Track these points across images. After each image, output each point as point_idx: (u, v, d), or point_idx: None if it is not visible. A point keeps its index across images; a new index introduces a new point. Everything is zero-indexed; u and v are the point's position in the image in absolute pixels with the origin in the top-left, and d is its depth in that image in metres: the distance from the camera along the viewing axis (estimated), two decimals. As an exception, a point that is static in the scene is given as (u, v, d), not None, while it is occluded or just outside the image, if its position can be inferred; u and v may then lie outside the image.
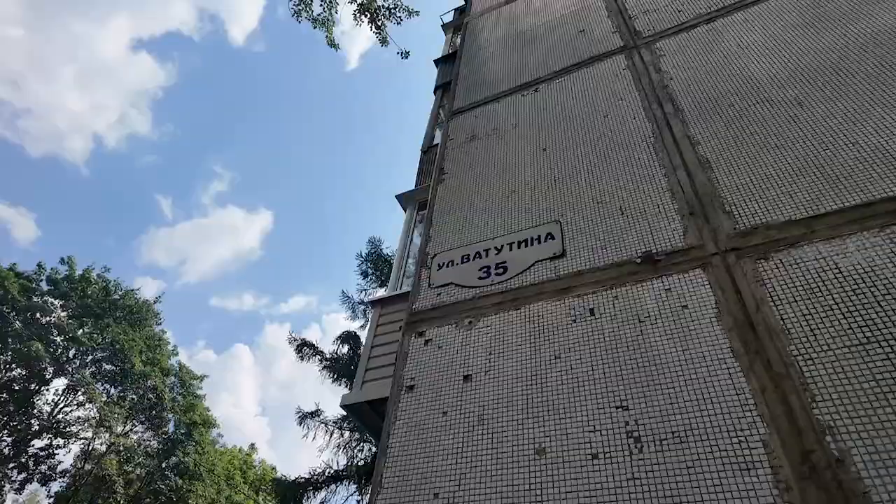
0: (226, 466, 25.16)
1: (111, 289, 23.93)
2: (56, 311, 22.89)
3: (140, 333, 23.82)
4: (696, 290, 3.19)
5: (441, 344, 3.87)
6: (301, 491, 16.46)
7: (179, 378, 25.37)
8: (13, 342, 20.66)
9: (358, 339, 16.91)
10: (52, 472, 21.65)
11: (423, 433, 3.39)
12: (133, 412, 23.41)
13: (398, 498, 3.14)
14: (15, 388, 20.83)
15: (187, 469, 22.08)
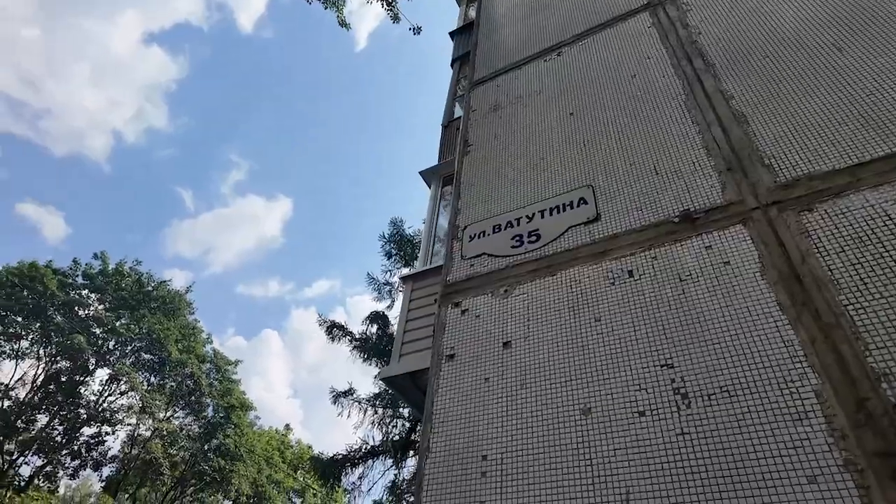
0: (264, 447, 25.99)
1: (144, 281, 24.61)
2: (93, 304, 23.67)
3: (174, 323, 24.52)
4: (737, 245, 3.14)
5: (478, 313, 3.90)
6: (339, 467, 16.94)
7: (214, 364, 26.13)
8: (56, 336, 21.49)
9: (386, 319, 17.13)
10: (102, 457, 22.69)
11: (466, 399, 3.45)
12: (173, 398, 24.26)
13: (446, 461, 3.22)
14: (62, 380, 21.74)
15: (228, 450, 22.89)
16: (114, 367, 22.57)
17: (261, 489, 24.04)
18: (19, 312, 21.65)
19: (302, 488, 28.05)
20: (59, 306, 22.32)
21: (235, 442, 23.22)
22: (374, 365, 17.09)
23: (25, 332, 21.89)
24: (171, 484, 23.15)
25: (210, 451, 23.38)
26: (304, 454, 29.11)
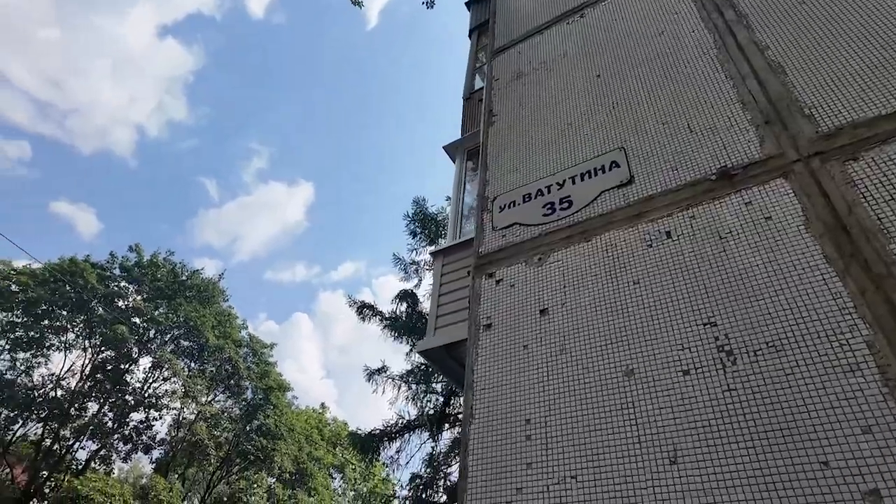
0: (303, 426, 26.80)
1: (178, 271, 25.31)
2: (132, 295, 24.49)
3: (210, 310, 25.22)
4: (779, 200, 3.07)
5: (513, 282, 3.91)
6: (377, 442, 17.39)
7: (251, 348, 26.88)
8: (99, 327, 22.36)
9: (415, 297, 17.29)
10: (151, 441, 23.75)
11: (505, 366, 3.49)
12: (213, 382, 25.12)
13: (490, 426, 3.28)
14: (108, 369, 22.69)
15: (269, 430, 23.69)
16: (155, 354, 23.43)
17: (302, 466, 24.89)
18: (63, 306, 22.56)
19: (341, 464, 28.94)
20: (100, 299, 23.17)
21: (276, 422, 24.00)
22: (404, 343, 17.34)
23: (71, 325, 22.84)
24: (216, 463, 24.13)
25: (252, 431, 24.24)
26: (341, 431, 29.94)
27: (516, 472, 3.01)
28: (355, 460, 28.47)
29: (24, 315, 22.05)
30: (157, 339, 24.28)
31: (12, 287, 21.92)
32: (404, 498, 17.46)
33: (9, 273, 22.31)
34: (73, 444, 21.83)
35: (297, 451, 24.82)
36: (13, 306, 21.71)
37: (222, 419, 24.51)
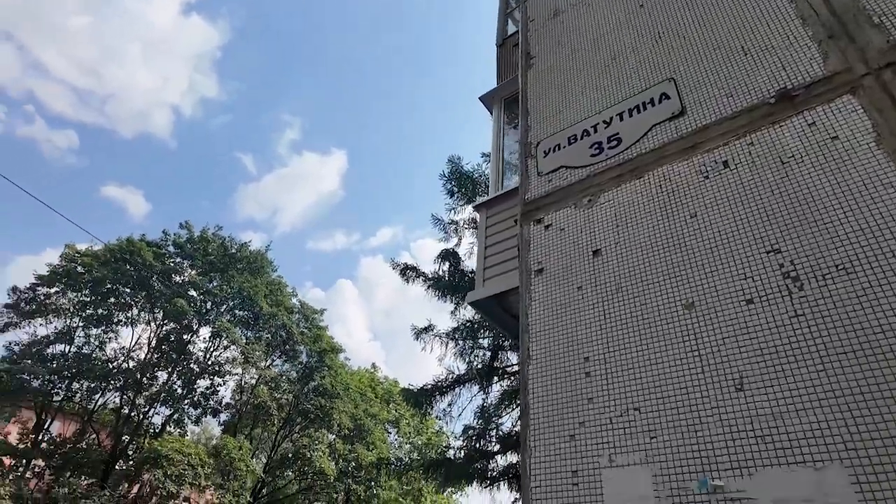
0: (357, 385, 27.90)
1: (228, 245, 26.22)
2: (186, 270, 25.63)
3: (261, 280, 26.16)
4: (846, 117, 2.90)
5: (563, 226, 3.89)
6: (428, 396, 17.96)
7: (302, 314, 27.87)
8: (160, 301, 23.62)
9: (457, 256, 17.37)
10: (218, 405, 25.28)
11: (560, 308, 3.52)
12: (270, 348, 26.31)
13: (548, 366, 3.35)
14: (172, 340, 24.08)
15: (326, 390, 24.78)
16: (214, 324, 24.64)
17: (359, 422, 26.06)
18: (126, 284, 23.86)
19: (396, 419, 30.13)
20: (158, 275, 24.38)
21: (331, 382, 25.07)
22: (448, 302, 17.58)
23: (134, 301, 24.21)
24: (279, 423, 25.55)
25: (310, 391, 25.43)
26: (393, 389, 31.04)
27: (577, 407, 3.08)
28: (409, 415, 29.58)
29: (92, 294, 23.47)
30: (214, 310, 25.46)
31: (78, 269, 23.29)
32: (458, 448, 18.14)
33: (73, 256, 23.67)
34: (149, 411, 23.51)
35: (354, 409, 25.96)
36: (81, 286, 23.12)
37: (282, 382, 25.78)
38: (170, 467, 18.52)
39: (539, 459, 3.09)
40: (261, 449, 26.64)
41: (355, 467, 24.41)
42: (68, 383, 22.48)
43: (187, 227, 26.22)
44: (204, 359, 24.73)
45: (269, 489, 25.08)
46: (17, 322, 22.68)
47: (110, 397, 23.76)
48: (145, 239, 24.98)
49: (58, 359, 22.44)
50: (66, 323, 23.35)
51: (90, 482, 19.86)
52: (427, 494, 26.95)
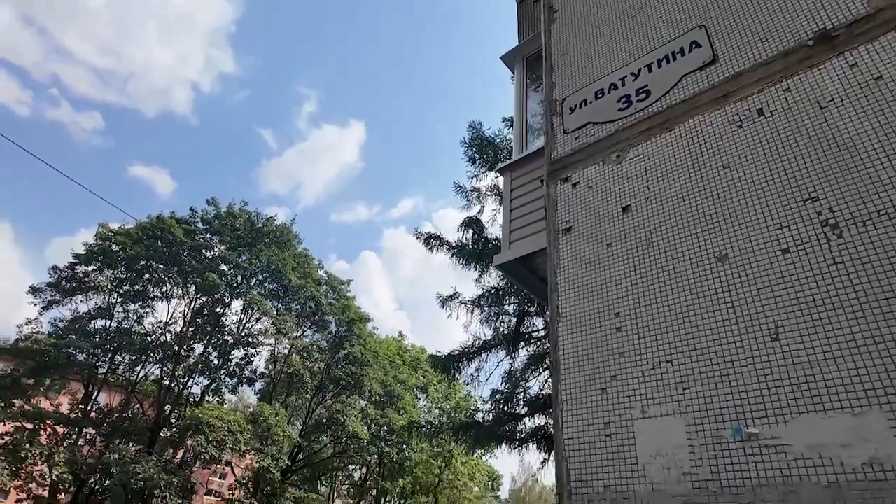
0: (385, 353, 28.50)
1: (254, 219, 26.66)
2: (216, 245, 26.23)
3: (288, 253, 26.64)
4: (891, 57, 2.76)
5: (590, 184, 3.85)
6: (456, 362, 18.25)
7: (329, 285, 28.38)
8: (192, 276, 24.30)
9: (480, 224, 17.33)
10: (253, 374, 26.20)
11: (589, 266, 3.52)
12: (300, 319, 26.96)
13: (578, 322, 3.37)
14: (205, 313, 24.86)
15: (356, 358, 25.40)
16: (245, 297, 25.31)
17: (389, 388, 26.74)
18: (159, 261, 24.57)
19: (424, 385, 30.80)
20: (188, 251, 25.02)
21: (361, 350, 25.66)
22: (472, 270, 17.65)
23: (167, 277, 24.97)
24: (312, 391, 26.38)
25: (340, 360, 26.11)
26: (420, 356, 31.63)
27: (608, 362, 3.11)
28: (437, 381, 30.19)
29: (127, 271, 24.28)
30: (244, 283, 26.10)
31: (113, 247, 24.05)
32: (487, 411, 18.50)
33: (107, 234, 24.42)
34: (188, 381, 24.52)
35: (384, 376, 26.61)
36: (117, 264, 23.92)
37: (313, 351, 26.49)
38: (211, 433, 19.39)
39: (571, 413, 3.15)
40: (296, 415, 27.64)
41: (387, 431, 25.18)
42: (111, 356, 23.54)
43: (214, 203, 26.71)
44: (237, 330, 25.52)
45: (305, 453, 26.10)
46: (60, 299, 23.69)
47: (151, 369, 24.83)
48: (175, 216, 25.57)
49: (100, 333, 23.45)
50: (105, 299, 24.30)
51: (138, 448, 20.97)
52: (457, 456, 27.70)
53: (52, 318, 23.93)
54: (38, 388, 21.93)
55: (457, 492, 28.80)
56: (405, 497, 29.65)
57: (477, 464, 30.36)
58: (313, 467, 27.21)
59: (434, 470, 27.97)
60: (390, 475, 28.27)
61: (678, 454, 2.62)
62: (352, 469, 29.80)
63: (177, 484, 19.49)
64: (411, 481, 28.26)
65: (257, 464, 22.10)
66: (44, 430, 20.82)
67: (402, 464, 27.64)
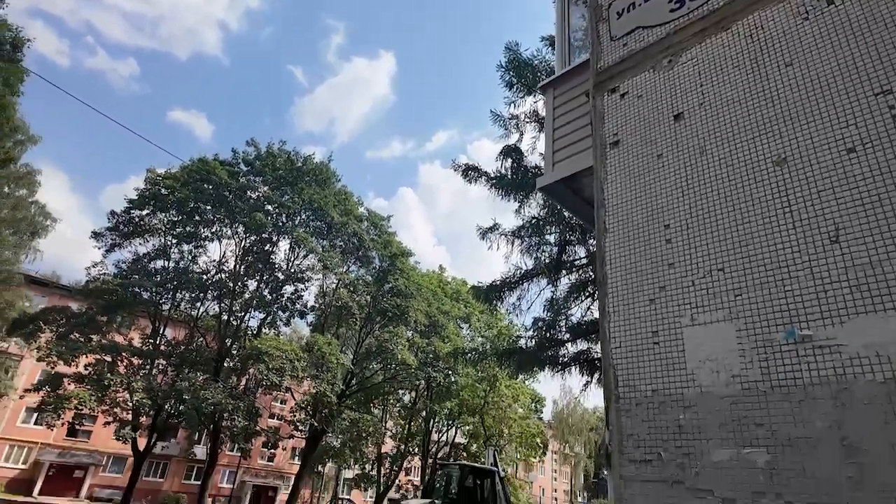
0: (428, 285, 29.21)
1: (293, 159, 26.99)
2: (259, 186, 26.85)
3: (328, 191, 27.05)
4: None
5: (639, 93, 3.69)
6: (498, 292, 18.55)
7: (371, 222, 28.88)
8: (239, 217, 25.15)
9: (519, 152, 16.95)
10: (304, 308, 27.50)
11: (638, 179, 3.45)
12: (345, 255, 27.76)
13: (626, 237, 3.35)
14: (255, 251, 25.90)
15: (401, 291, 26.17)
16: (291, 236, 26.13)
17: (433, 319, 27.62)
18: (206, 202, 25.45)
19: (466, 315, 31.62)
20: (233, 192, 25.75)
21: (405, 283, 26.38)
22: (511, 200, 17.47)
23: (216, 218, 25.94)
24: (361, 322, 27.55)
25: (386, 293, 26.98)
26: (461, 289, 32.27)
27: (657, 273, 3.12)
28: (478, 311, 30.91)
29: (178, 213, 25.33)
30: (289, 222, 26.86)
31: (162, 191, 25.00)
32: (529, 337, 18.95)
33: (156, 179, 25.32)
34: (244, 315, 26.00)
35: (427, 307, 27.42)
36: (168, 207, 24.95)
37: (359, 285, 27.44)
38: (271, 362, 20.76)
39: (618, 324, 3.21)
40: (347, 345, 29.07)
41: (433, 358, 26.26)
42: (172, 294, 25.11)
43: (254, 144, 27.07)
44: (286, 267, 26.57)
45: (357, 379, 27.70)
46: (120, 243, 25.13)
47: (210, 305, 26.40)
48: (217, 158, 26.17)
49: (160, 273, 24.93)
50: (161, 241, 25.61)
51: (205, 377, 22.74)
52: (501, 380, 28.79)
53: (116, 261, 25.55)
54: (111, 324, 23.81)
55: (502, 412, 30.19)
56: (453, 418, 31.34)
57: (520, 387, 31.52)
58: (366, 392, 28.93)
59: (479, 393, 29.26)
60: (438, 398, 29.80)
61: (728, 358, 2.66)
62: (402, 393, 31.54)
63: (243, 408, 21.20)
64: (458, 404, 29.73)
65: (314, 389, 23.66)
66: (121, 361, 22.79)
67: (448, 388, 29.01)
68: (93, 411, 22.63)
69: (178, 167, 25.73)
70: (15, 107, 21.69)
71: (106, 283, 22.93)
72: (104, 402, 21.59)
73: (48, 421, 21.08)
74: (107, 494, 37.30)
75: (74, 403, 20.46)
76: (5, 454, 37.35)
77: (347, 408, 25.40)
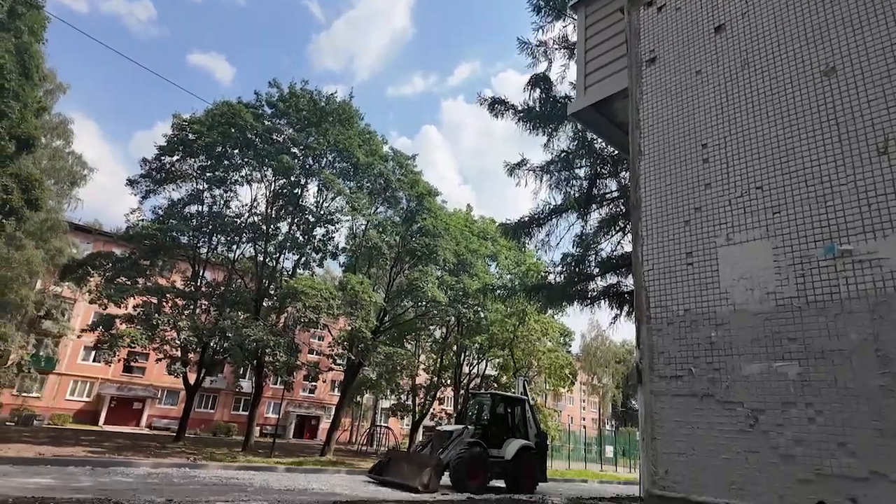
0: (455, 225, 29.28)
1: (316, 99, 26.65)
2: (285, 128, 26.79)
3: (352, 131, 26.81)
4: None
5: (678, 5, 3.49)
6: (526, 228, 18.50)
7: (396, 162, 28.69)
8: (267, 160, 25.32)
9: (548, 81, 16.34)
10: (335, 249, 28.06)
11: (675, 97, 3.33)
12: (372, 197, 27.88)
13: (661, 158, 3.29)
14: (285, 193, 26.22)
15: (429, 231, 26.35)
16: (319, 178, 26.28)
17: (462, 257, 27.89)
18: (234, 147, 25.64)
19: (494, 253, 31.78)
20: (259, 135, 25.81)
21: (432, 223, 26.51)
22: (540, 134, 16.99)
23: (245, 161, 26.19)
24: (391, 262, 28.06)
25: (414, 233, 27.23)
26: (489, 227, 32.24)
27: (693, 194, 3.07)
28: (506, 249, 31.01)
29: (207, 158, 25.64)
30: (316, 164, 26.93)
31: (190, 136, 25.22)
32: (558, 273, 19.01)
33: (182, 124, 25.49)
34: (279, 257, 26.75)
35: (455, 246, 27.63)
36: (196, 151, 25.24)
37: (387, 226, 27.71)
38: (307, 300, 21.53)
39: (651, 247, 3.22)
40: (378, 284, 29.78)
41: (463, 294, 26.73)
42: (209, 237, 25.91)
43: (276, 84, 26.78)
44: (316, 209, 26.91)
45: (390, 316, 28.56)
46: (154, 189, 25.77)
47: (245, 248, 27.21)
48: (241, 101, 26.06)
49: (195, 217, 25.64)
50: (194, 186, 26.14)
51: (246, 316, 23.80)
52: (530, 315, 29.26)
53: (152, 207, 26.33)
54: (154, 268, 24.89)
55: (531, 346, 30.90)
56: (483, 351, 32.31)
57: (549, 322, 32.00)
58: (399, 328, 29.90)
59: (508, 327, 29.89)
60: (468, 333, 30.60)
61: (763, 276, 2.66)
62: (433, 329, 32.49)
63: (283, 344, 22.25)
64: (488, 338, 30.53)
65: (349, 326, 24.58)
66: (166, 302, 23.99)
67: (478, 323, 29.70)
68: (144, 348, 24.15)
69: (203, 111, 25.82)
70: (42, 55, 21.87)
71: (145, 229, 23.76)
72: (154, 340, 22.97)
73: (105, 358, 22.65)
74: (164, 424, 40.51)
75: (127, 341, 21.82)
76: (70, 388, 40.64)
77: (382, 343, 26.37)
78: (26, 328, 35.39)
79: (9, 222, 23.68)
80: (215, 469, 16.29)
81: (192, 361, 25.37)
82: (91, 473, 12.86)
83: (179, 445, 23.33)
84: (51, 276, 34.03)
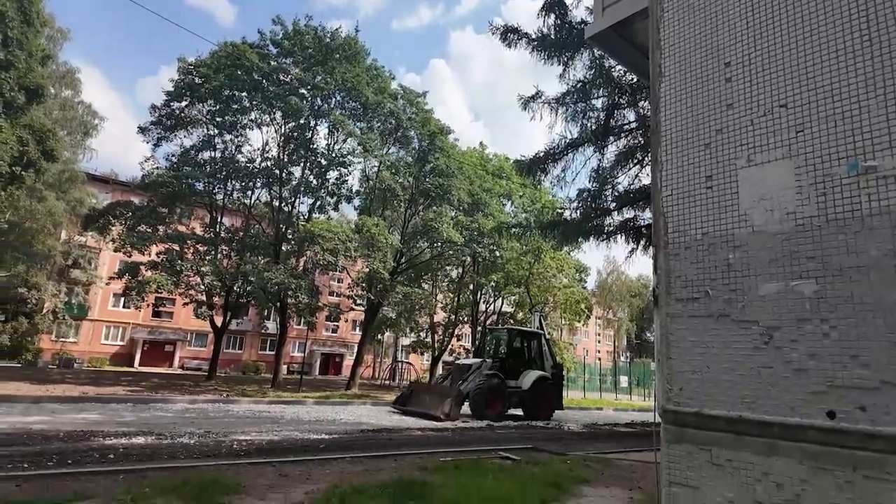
0: (469, 163, 28.94)
1: (321, 35, 25.80)
2: (291, 68, 26.16)
3: (359, 68, 26.09)
4: None
5: (704, -89, 3.26)
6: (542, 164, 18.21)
7: (406, 99, 28.04)
8: (276, 102, 24.93)
9: (563, 6, 15.54)
10: (349, 192, 28.08)
11: (698, 13, 3.19)
12: (383, 137, 27.51)
13: (682, 79, 3.19)
14: (296, 137, 25.99)
15: (442, 170, 26.11)
16: (328, 119, 25.90)
17: (476, 197, 27.74)
18: (241, 89, 25.18)
19: (508, 192, 31.55)
20: (266, 76, 25.28)
21: (446, 162, 26.21)
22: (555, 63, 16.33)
23: (253, 104, 25.83)
24: (405, 204, 28.07)
25: (427, 173, 27.03)
26: (503, 165, 31.80)
27: (714, 116, 3.01)
28: (521, 187, 30.72)
29: (216, 103, 25.32)
30: (325, 105, 26.45)
31: (196, 80, 24.79)
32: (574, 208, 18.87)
33: (187, 68, 25.00)
34: (294, 201, 26.90)
35: (469, 185, 27.44)
36: (204, 96, 24.90)
37: (400, 166, 27.50)
38: (325, 244, 21.85)
39: (671, 172, 3.19)
40: (394, 226, 29.98)
41: (478, 234, 26.83)
42: (224, 183, 26.05)
43: (280, 21, 25.94)
44: (328, 152, 26.73)
45: (407, 257, 28.94)
46: (166, 135, 25.71)
47: (260, 193, 27.37)
48: (246, 42, 25.37)
49: (209, 164, 25.68)
50: (205, 132, 26.00)
51: (266, 260, 24.31)
52: (546, 252, 29.40)
53: (165, 154, 26.42)
54: (172, 215, 25.27)
55: (546, 282, 31.26)
56: (499, 289, 32.76)
57: (565, 258, 32.17)
58: (416, 268, 30.36)
59: (524, 265, 30.13)
60: (484, 272, 30.98)
61: (783, 195, 2.65)
62: (449, 269, 32.91)
63: (305, 286, 22.81)
64: (504, 276, 30.87)
65: (367, 267, 25.00)
66: (188, 249, 24.55)
67: (494, 262, 29.98)
68: (171, 293, 24.97)
69: (208, 54, 25.23)
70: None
71: (161, 177, 23.93)
72: (179, 286, 23.70)
73: (134, 303, 23.58)
74: (195, 364, 42.51)
75: (153, 287, 22.56)
76: (104, 333, 42.50)
77: (400, 283, 26.87)
78: (56, 277, 36.71)
79: (28, 174, 24.02)
80: (247, 404, 17.25)
81: (217, 305, 26.23)
82: (133, 409, 13.75)
83: (212, 384, 24.56)
84: (74, 226, 34.85)
